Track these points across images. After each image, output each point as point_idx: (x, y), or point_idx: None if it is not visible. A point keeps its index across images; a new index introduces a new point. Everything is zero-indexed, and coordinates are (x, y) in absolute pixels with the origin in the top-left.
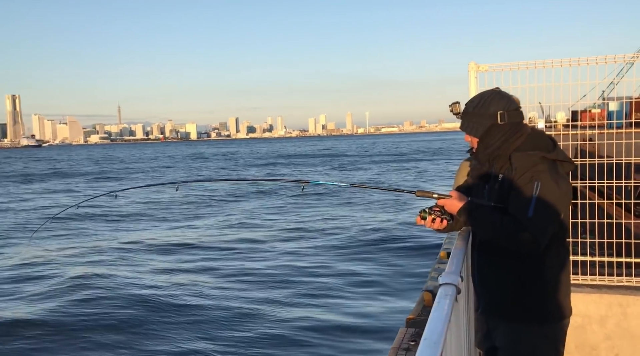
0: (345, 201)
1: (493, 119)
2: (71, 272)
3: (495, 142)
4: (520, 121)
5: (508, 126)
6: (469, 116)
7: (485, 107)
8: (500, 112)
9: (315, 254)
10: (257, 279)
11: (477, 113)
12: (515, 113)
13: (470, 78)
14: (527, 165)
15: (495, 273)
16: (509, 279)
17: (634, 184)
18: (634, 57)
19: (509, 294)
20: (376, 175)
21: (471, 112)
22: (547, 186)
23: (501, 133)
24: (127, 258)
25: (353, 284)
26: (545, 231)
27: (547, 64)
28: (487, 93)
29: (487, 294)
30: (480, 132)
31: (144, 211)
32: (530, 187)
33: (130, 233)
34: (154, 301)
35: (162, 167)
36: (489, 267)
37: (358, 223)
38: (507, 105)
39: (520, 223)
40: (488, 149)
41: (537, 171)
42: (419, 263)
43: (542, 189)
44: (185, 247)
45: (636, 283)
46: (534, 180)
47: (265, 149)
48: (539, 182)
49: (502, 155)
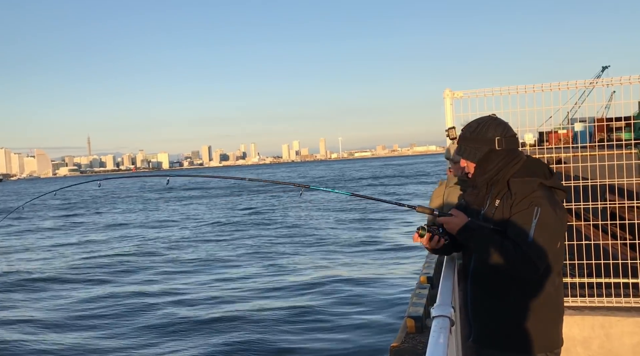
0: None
1: (491, 145)
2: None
3: (493, 167)
4: (516, 147)
5: (505, 152)
6: (466, 141)
7: (483, 133)
8: (498, 138)
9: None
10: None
11: (475, 138)
12: (512, 139)
13: (446, 104)
14: (526, 191)
15: (490, 303)
16: (503, 309)
17: (609, 205)
18: (593, 82)
19: (503, 325)
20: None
21: (469, 137)
22: (546, 212)
23: (499, 159)
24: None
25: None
26: (544, 256)
27: (520, 90)
28: (485, 119)
29: (480, 324)
30: (478, 157)
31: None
32: (530, 212)
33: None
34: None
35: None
36: (483, 297)
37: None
38: (504, 131)
39: (520, 247)
40: (486, 174)
41: (537, 197)
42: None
43: (542, 215)
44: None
45: (617, 303)
46: (534, 206)
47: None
48: (539, 208)
49: (500, 181)
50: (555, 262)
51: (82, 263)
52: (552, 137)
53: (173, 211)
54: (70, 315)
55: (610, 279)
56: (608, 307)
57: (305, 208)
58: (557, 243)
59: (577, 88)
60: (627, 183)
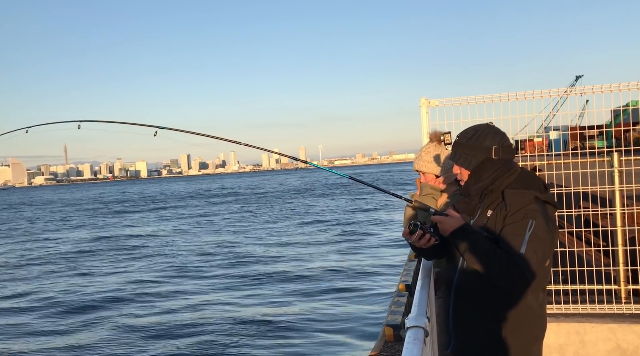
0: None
1: (487, 153)
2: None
3: (488, 177)
4: (512, 157)
5: (501, 162)
6: (462, 148)
7: (480, 141)
8: (495, 147)
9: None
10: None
11: (471, 145)
12: (509, 150)
13: (422, 113)
14: (521, 203)
15: (472, 316)
16: (486, 323)
17: (583, 212)
18: (567, 91)
19: (485, 338)
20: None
21: (465, 144)
22: (540, 226)
23: (494, 168)
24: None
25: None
26: (534, 269)
27: (496, 99)
28: (482, 127)
29: (461, 337)
30: (473, 165)
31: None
32: (524, 224)
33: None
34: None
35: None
36: (465, 310)
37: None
38: (502, 140)
39: (512, 257)
40: (480, 183)
41: (532, 210)
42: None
43: (535, 228)
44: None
45: (591, 310)
46: (528, 218)
47: (217, 185)
48: (534, 221)
49: (494, 191)
50: (543, 278)
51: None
52: (527, 145)
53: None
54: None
55: (585, 286)
56: (583, 314)
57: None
58: (547, 258)
59: (552, 97)
60: (600, 191)
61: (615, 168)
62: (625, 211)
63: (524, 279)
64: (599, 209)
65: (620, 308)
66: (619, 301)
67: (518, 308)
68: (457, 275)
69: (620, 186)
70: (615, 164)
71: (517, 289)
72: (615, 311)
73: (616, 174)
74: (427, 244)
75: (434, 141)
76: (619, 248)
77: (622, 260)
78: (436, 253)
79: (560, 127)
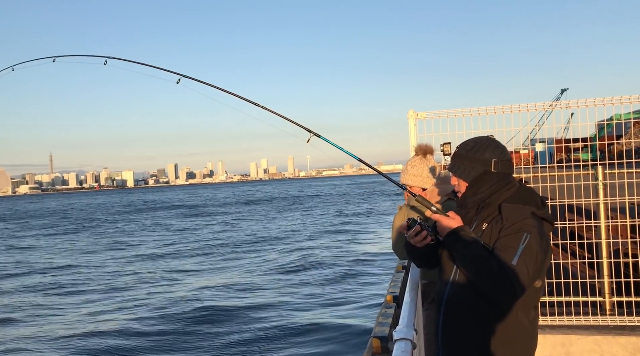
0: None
1: (486, 166)
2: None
3: (486, 189)
4: (511, 171)
5: (500, 176)
6: (461, 159)
7: (480, 153)
8: (494, 160)
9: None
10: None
11: (471, 157)
12: (508, 163)
13: (410, 125)
14: (518, 217)
15: (462, 331)
16: (476, 339)
17: (568, 224)
18: (552, 105)
19: (475, 352)
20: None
21: (464, 156)
22: (534, 240)
23: (493, 182)
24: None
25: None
26: (524, 282)
27: (482, 112)
28: (483, 139)
29: (451, 350)
30: (472, 177)
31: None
32: (518, 237)
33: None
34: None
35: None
36: (455, 324)
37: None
38: (501, 154)
39: (502, 267)
40: (478, 195)
41: (527, 225)
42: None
43: (530, 242)
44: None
45: (577, 321)
46: (523, 232)
47: (207, 194)
48: (529, 235)
49: (491, 204)
50: (534, 295)
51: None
52: (514, 157)
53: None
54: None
55: (571, 298)
56: (568, 326)
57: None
58: (539, 274)
59: (538, 110)
60: (585, 203)
61: (600, 181)
62: (610, 223)
63: (512, 291)
64: (584, 222)
65: (605, 320)
66: (604, 313)
67: (508, 324)
68: (447, 289)
69: (605, 198)
70: (600, 177)
71: (505, 300)
72: (600, 323)
73: (600, 187)
74: (422, 243)
75: (419, 154)
76: (603, 260)
77: (606, 272)
78: (427, 259)
79: (546, 140)
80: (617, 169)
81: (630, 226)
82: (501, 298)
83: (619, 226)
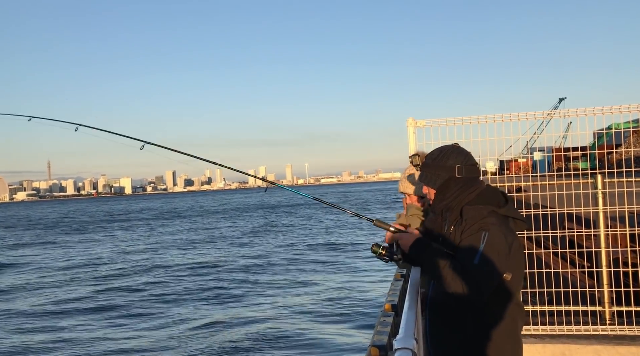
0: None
1: (451, 172)
2: None
3: (451, 195)
4: (477, 176)
5: (464, 180)
6: (427, 168)
7: (444, 160)
8: (458, 165)
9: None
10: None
11: (436, 165)
12: (472, 168)
13: (409, 133)
14: (477, 217)
15: (446, 332)
16: (460, 339)
17: (567, 233)
18: (551, 113)
19: (458, 350)
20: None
21: (430, 164)
22: (494, 238)
23: (457, 186)
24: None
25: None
26: (489, 280)
27: (481, 120)
28: (447, 147)
29: (437, 349)
30: (438, 184)
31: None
32: (478, 237)
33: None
34: None
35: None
36: (439, 324)
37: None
38: (465, 160)
39: (465, 269)
40: (444, 201)
41: (486, 223)
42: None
43: (489, 240)
44: None
45: (577, 331)
46: (482, 231)
47: (208, 202)
48: (487, 233)
49: (455, 208)
50: (508, 289)
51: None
52: (512, 165)
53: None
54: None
55: (570, 307)
56: (568, 335)
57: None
58: (505, 269)
59: (536, 118)
60: (584, 212)
61: (599, 190)
62: (610, 232)
63: (478, 290)
64: (583, 231)
65: (605, 330)
66: (604, 322)
67: (486, 322)
68: (429, 293)
69: (604, 207)
70: (599, 186)
71: (474, 300)
72: (600, 332)
73: (600, 196)
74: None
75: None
76: (603, 269)
77: (606, 281)
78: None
79: (545, 148)
80: (616, 178)
81: (630, 235)
82: (469, 298)
83: (618, 235)
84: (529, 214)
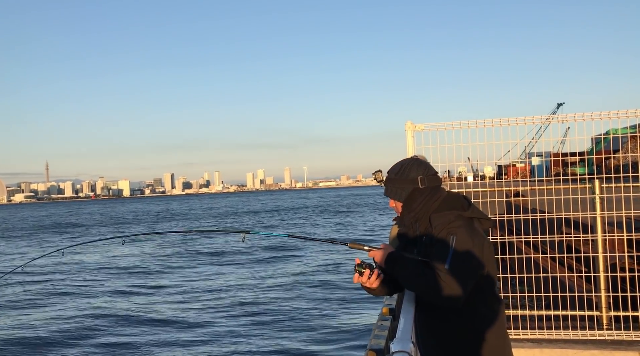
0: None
1: (414, 184)
2: None
3: (418, 205)
4: (438, 184)
5: (428, 190)
6: (392, 183)
7: (406, 174)
8: (420, 177)
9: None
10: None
11: (399, 179)
12: (434, 177)
13: (408, 137)
14: (444, 222)
15: (433, 330)
16: (445, 335)
17: (565, 238)
18: (549, 118)
19: (446, 350)
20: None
21: (394, 179)
22: (462, 239)
23: (422, 197)
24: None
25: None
26: (463, 282)
27: (480, 124)
28: (407, 161)
29: (425, 347)
30: (404, 196)
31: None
32: (447, 241)
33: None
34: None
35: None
36: (427, 324)
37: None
38: (426, 170)
39: (439, 273)
40: (412, 212)
41: (453, 227)
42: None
43: (458, 242)
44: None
45: (574, 335)
46: (450, 234)
47: (205, 205)
48: (455, 236)
49: (423, 217)
50: (485, 284)
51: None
52: (510, 170)
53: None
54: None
55: (568, 312)
56: (566, 340)
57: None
58: (478, 269)
59: (534, 123)
60: (582, 217)
61: (597, 195)
62: (607, 237)
63: (453, 293)
64: (580, 236)
65: (602, 334)
66: (601, 327)
67: (469, 318)
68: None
69: (601, 212)
70: (596, 191)
71: (452, 303)
72: (597, 337)
73: (597, 201)
74: (376, 283)
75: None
76: (600, 274)
77: (603, 286)
78: (389, 288)
79: (543, 153)
80: (614, 183)
81: (627, 240)
82: (447, 303)
83: (616, 240)
84: (527, 219)
